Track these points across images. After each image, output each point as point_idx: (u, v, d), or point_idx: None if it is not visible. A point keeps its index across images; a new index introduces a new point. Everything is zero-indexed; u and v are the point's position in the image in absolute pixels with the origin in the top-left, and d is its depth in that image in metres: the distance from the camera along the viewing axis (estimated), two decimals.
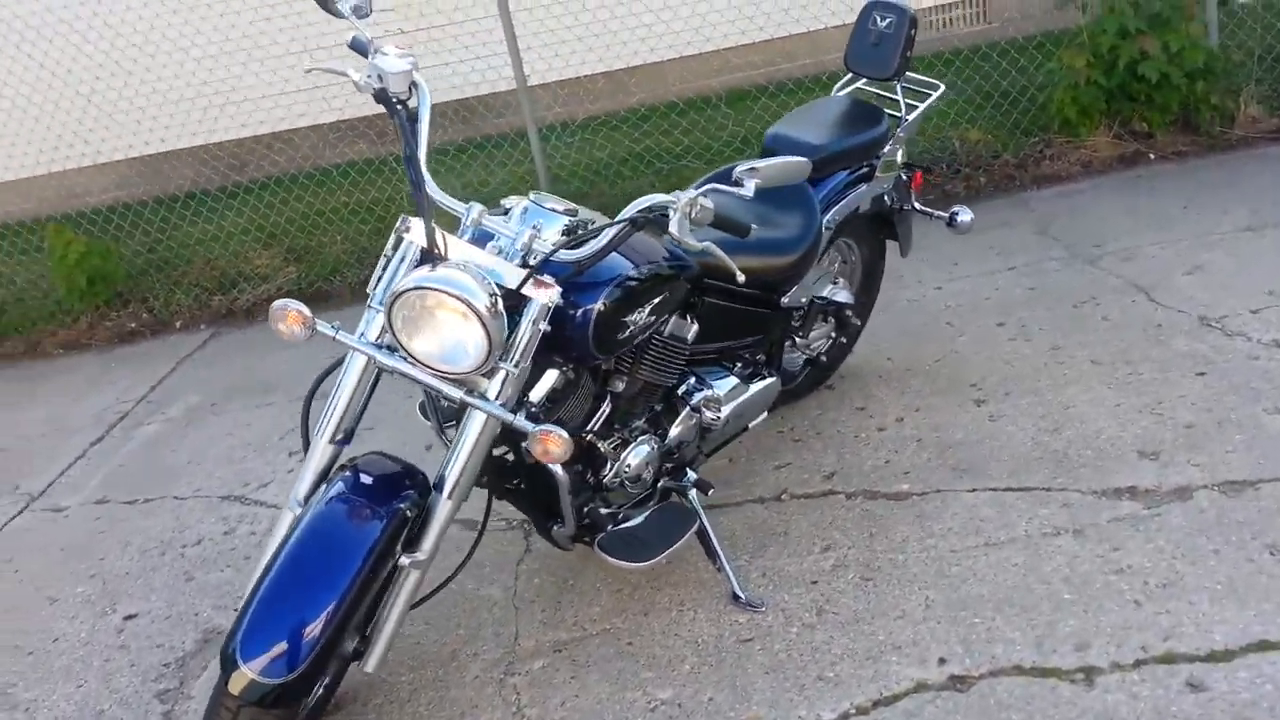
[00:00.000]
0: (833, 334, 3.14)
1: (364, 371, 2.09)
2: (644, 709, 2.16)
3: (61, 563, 3.21)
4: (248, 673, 1.76)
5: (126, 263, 5.84)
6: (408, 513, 1.99)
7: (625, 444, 2.41)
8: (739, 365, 2.74)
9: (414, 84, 2.07)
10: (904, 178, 3.17)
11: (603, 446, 2.38)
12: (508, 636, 2.46)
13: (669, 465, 2.59)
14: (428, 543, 2.03)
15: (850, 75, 3.20)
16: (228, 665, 1.78)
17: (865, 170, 2.96)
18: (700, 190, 2.02)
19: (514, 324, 1.96)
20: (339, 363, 2.15)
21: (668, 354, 2.41)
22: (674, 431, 2.53)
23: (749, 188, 2.05)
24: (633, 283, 2.14)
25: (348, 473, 2.05)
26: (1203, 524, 2.39)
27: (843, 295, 3.08)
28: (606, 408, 2.36)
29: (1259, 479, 2.51)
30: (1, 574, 3.21)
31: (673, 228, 2.01)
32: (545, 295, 1.97)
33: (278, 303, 1.99)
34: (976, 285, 3.94)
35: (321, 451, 2.10)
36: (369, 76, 2.02)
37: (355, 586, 1.87)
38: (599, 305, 2.06)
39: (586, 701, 2.21)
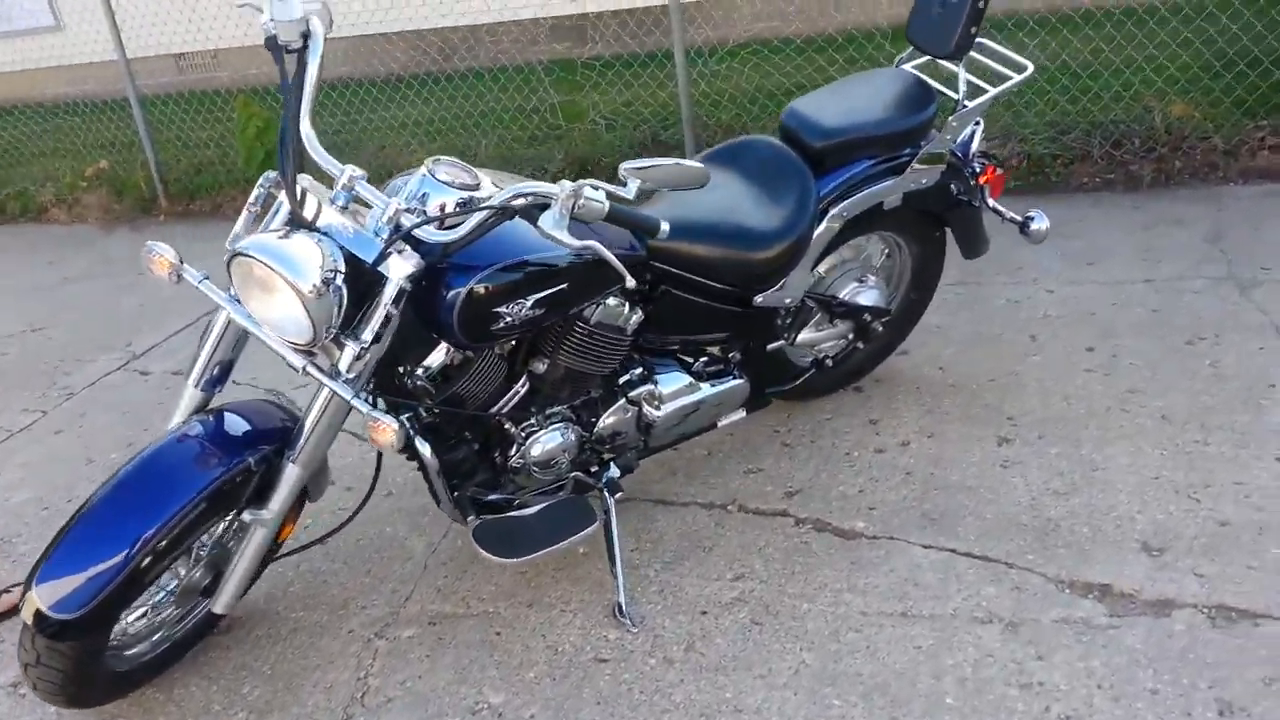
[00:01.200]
0: (849, 336, 2.82)
1: (229, 322, 2.10)
2: (468, 709, 2.11)
3: (118, 425, 3.53)
4: (36, 600, 1.85)
5: (325, 135, 6.18)
6: (253, 467, 2.00)
7: (539, 428, 2.30)
8: (701, 361, 2.52)
9: (308, 32, 1.97)
10: (975, 169, 2.73)
11: (511, 428, 2.29)
12: (401, 596, 2.46)
13: (603, 455, 2.45)
14: (275, 503, 2.04)
15: (912, 48, 2.77)
16: (26, 588, 1.88)
17: (896, 161, 2.57)
18: (580, 185, 1.82)
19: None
20: None
21: (596, 343, 2.25)
22: (605, 421, 2.39)
23: (630, 188, 1.84)
24: (515, 271, 1.98)
25: (210, 416, 2.09)
26: (1160, 653, 1.98)
27: (868, 297, 2.75)
28: (521, 388, 2.26)
29: (1264, 613, 2.03)
30: (71, 425, 3.59)
31: (543, 222, 1.84)
32: (397, 276, 1.87)
33: (147, 245, 2.02)
34: (1095, 295, 3.40)
35: (188, 396, 2.14)
36: (269, 20, 1.95)
37: (169, 529, 1.89)
38: (465, 291, 1.93)
39: (424, 686, 2.18)
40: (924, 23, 2.64)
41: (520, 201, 1.87)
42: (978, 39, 2.57)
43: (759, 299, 2.48)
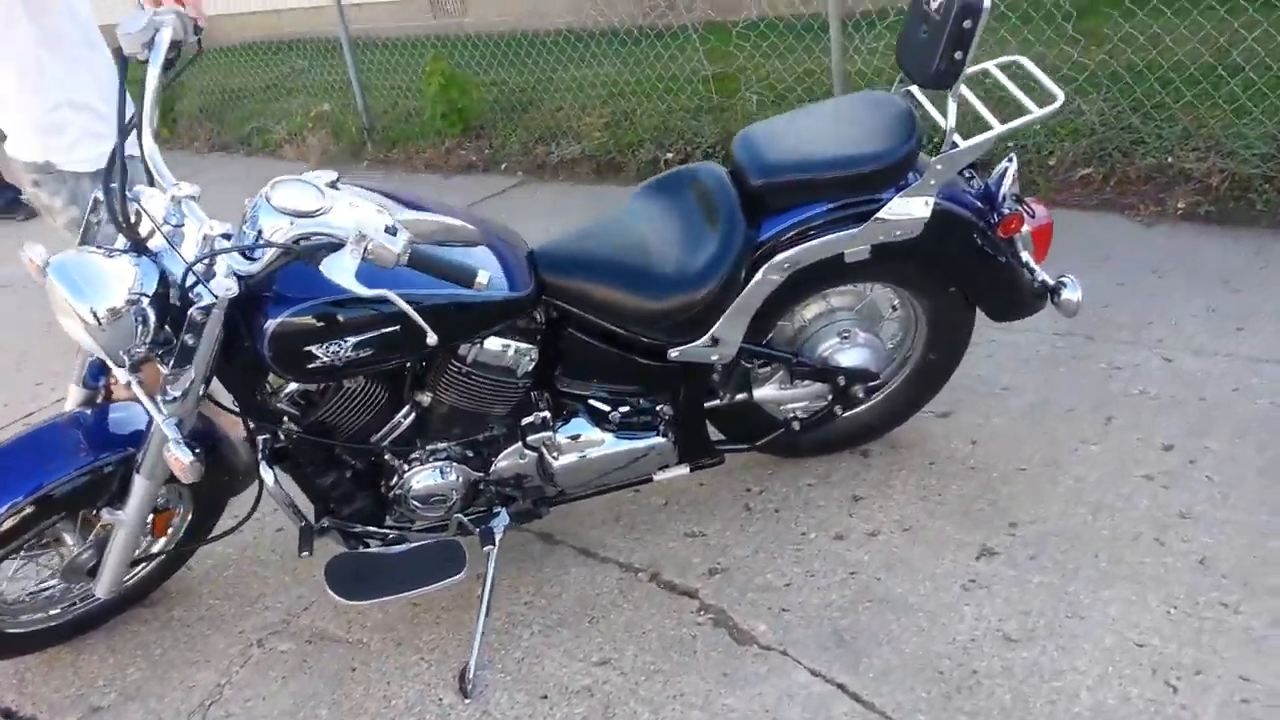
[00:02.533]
0: (826, 398, 2.44)
1: None
2: None
3: None
4: None
5: (510, 93, 6.23)
6: (106, 469, 2.06)
7: (421, 463, 2.19)
8: (622, 410, 2.28)
9: (152, 43, 1.92)
10: (992, 220, 2.24)
11: (392, 460, 2.20)
12: (303, 604, 2.46)
13: (508, 497, 2.31)
14: (129, 509, 2.08)
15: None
16: None
17: (863, 206, 2.14)
18: (365, 232, 1.67)
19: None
20: None
21: (475, 383, 2.10)
22: (501, 464, 2.24)
23: (398, 242, 1.66)
24: (332, 309, 1.86)
25: (91, 411, 2.16)
26: None
27: (848, 357, 2.37)
28: (405, 420, 2.16)
29: None
30: None
31: (325, 266, 1.72)
32: (199, 302, 1.81)
33: (25, 247, 2.07)
34: (1220, 373, 2.74)
35: (72, 392, 2.21)
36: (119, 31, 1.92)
37: (9, 515, 1.98)
38: (275, 325, 1.84)
39: (261, 709, 2.17)
40: (909, 44, 2.16)
41: (307, 242, 1.74)
42: (976, 64, 2.08)
43: (673, 352, 2.18)
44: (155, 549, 2.41)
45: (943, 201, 2.18)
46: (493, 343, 2.08)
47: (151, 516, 2.20)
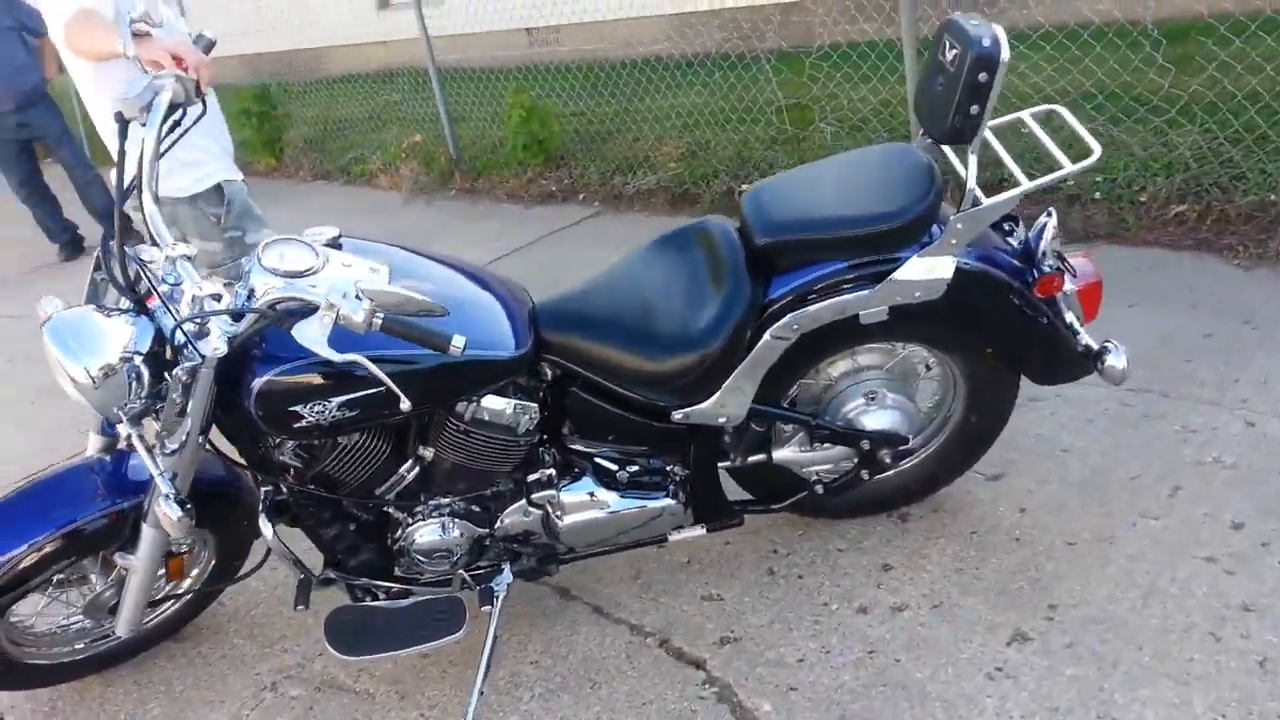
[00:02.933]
0: (852, 462, 2.31)
1: None
2: None
3: None
4: None
5: (591, 124, 6.24)
6: (120, 514, 2.10)
7: (424, 518, 2.17)
8: (630, 470, 2.21)
9: (150, 106, 1.95)
10: (1029, 279, 2.09)
11: (396, 513, 2.19)
12: (316, 650, 2.45)
13: (515, 553, 2.27)
14: (140, 555, 2.12)
15: None
16: None
17: (878, 266, 2.02)
18: (332, 300, 1.66)
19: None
20: None
21: (476, 441, 2.07)
22: (505, 520, 2.20)
23: (361, 310, 1.63)
24: (316, 370, 1.84)
25: (111, 457, 2.21)
26: None
27: (874, 420, 2.24)
28: (409, 474, 2.14)
29: None
30: None
31: (297, 331, 1.71)
32: (187, 363, 1.83)
33: (41, 301, 2.10)
34: None
35: (91, 443, 2.26)
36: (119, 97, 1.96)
37: (25, 556, 2.04)
38: (259, 384, 1.84)
39: None
40: (926, 96, 2.02)
41: (283, 305, 1.73)
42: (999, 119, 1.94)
43: (677, 414, 2.10)
44: (181, 589, 2.45)
45: (970, 261, 2.03)
46: (491, 400, 2.04)
47: (165, 560, 2.23)
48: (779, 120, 5.19)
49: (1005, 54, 1.80)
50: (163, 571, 2.26)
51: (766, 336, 2.02)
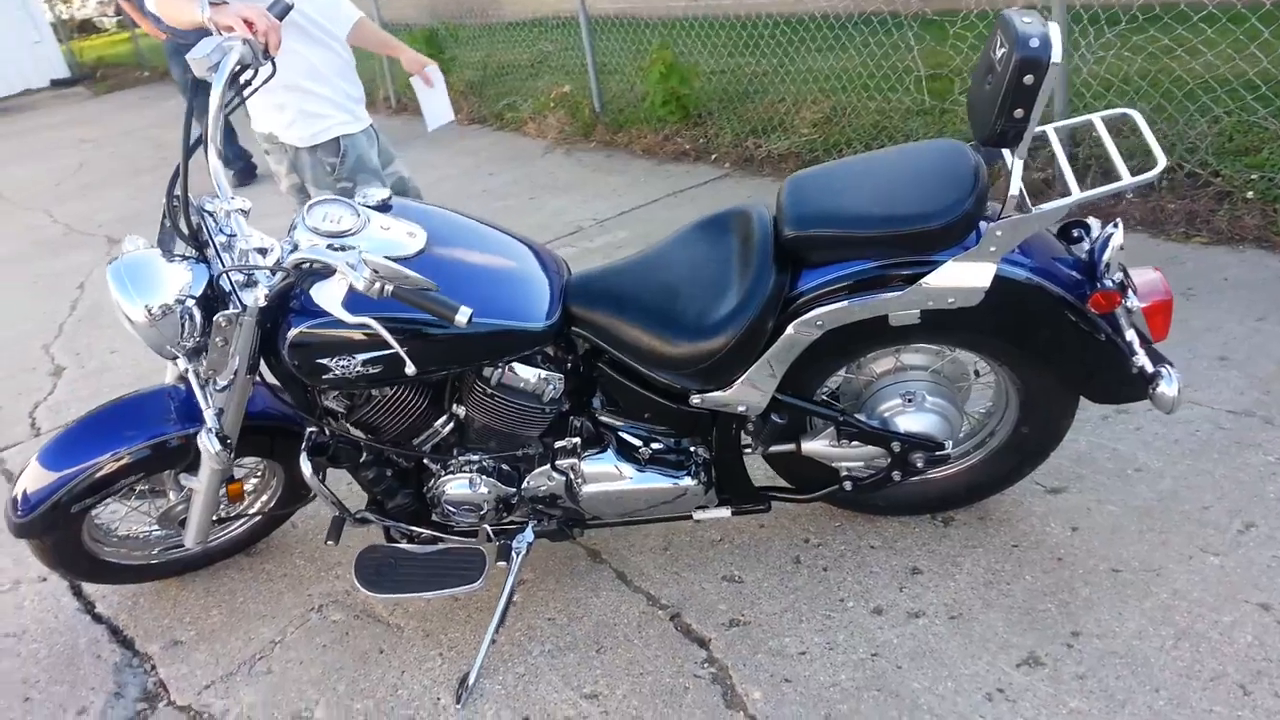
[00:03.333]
0: (883, 461, 2.25)
1: None
2: (293, 713, 2.23)
3: None
4: (14, 492, 2.33)
5: (735, 82, 6.15)
6: (189, 438, 2.30)
7: (455, 472, 2.28)
8: (654, 447, 2.24)
9: (218, 66, 2.06)
10: (1085, 293, 1.97)
11: (430, 464, 2.30)
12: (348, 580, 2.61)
13: (542, 514, 2.34)
14: (200, 478, 2.30)
15: None
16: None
17: (912, 268, 1.94)
18: (356, 262, 1.75)
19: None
20: None
21: (501, 406, 2.15)
22: (531, 482, 2.28)
23: (362, 278, 1.70)
24: (343, 328, 1.94)
25: (185, 386, 2.41)
26: None
27: (907, 422, 2.19)
28: (444, 428, 2.25)
29: None
30: None
31: (314, 291, 1.83)
32: (227, 311, 1.97)
33: (125, 239, 2.27)
34: None
35: (170, 372, 2.44)
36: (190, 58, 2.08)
37: (109, 463, 2.25)
38: (292, 335, 1.97)
39: (298, 671, 2.32)
40: (976, 95, 1.90)
41: (306, 266, 1.84)
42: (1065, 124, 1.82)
43: (695, 399, 2.10)
44: (252, 510, 2.65)
45: (1016, 269, 1.93)
46: (518, 369, 2.10)
47: (225, 484, 2.42)
48: (918, 90, 4.97)
49: (1056, 55, 1.68)
50: (225, 493, 2.44)
51: (790, 330, 1.98)
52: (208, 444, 2.02)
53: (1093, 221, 2.08)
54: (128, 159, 8.29)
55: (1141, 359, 1.96)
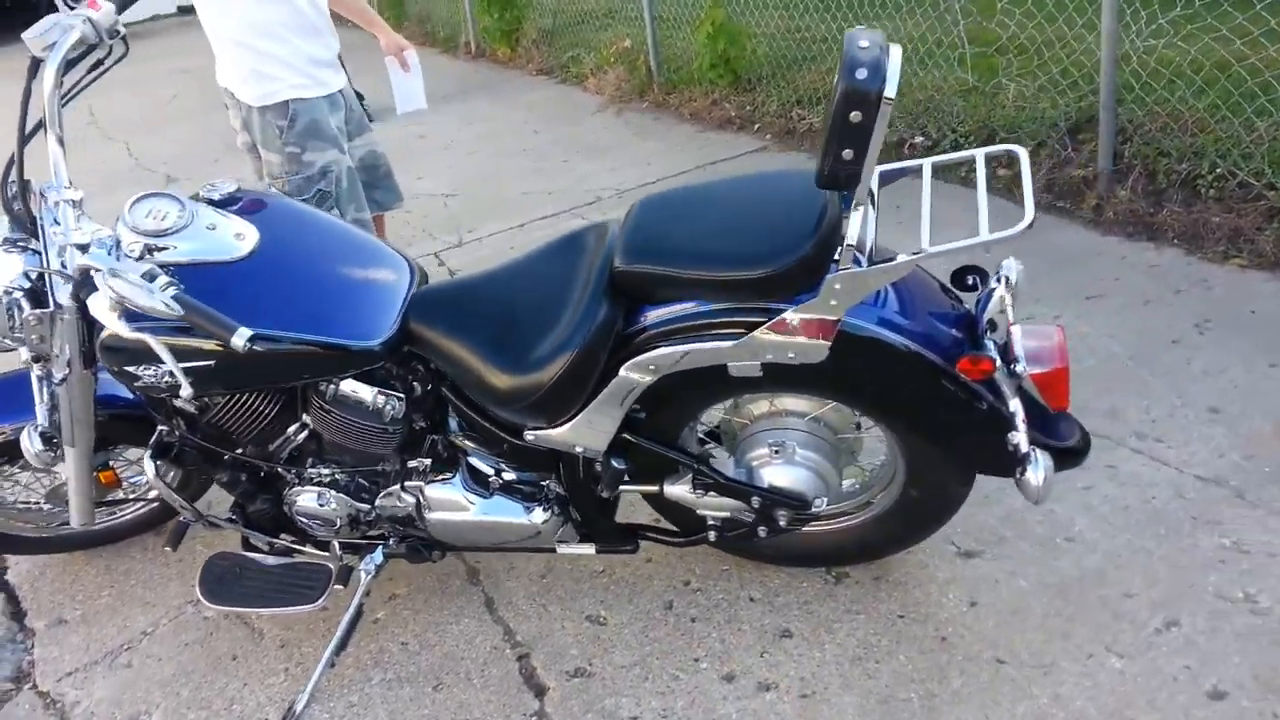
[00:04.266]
0: (748, 515, 2.04)
1: None
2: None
3: None
4: None
5: (792, 46, 5.80)
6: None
7: (306, 483, 2.18)
8: (505, 478, 2.09)
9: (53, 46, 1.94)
10: (952, 355, 1.71)
11: (285, 472, 2.21)
12: None
13: (395, 531, 2.23)
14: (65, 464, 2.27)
15: None
16: None
17: (749, 315, 1.70)
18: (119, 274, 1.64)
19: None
20: None
21: (338, 421, 2.03)
22: (380, 501, 2.16)
23: (155, 289, 1.59)
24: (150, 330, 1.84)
25: None
26: None
27: (767, 476, 1.98)
28: (295, 437, 2.15)
29: None
30: None
31: (91, 302, 1.72)
32: (38, 309, 1.90)
33: None
34: None
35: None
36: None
37: None
38: (101, 338, 1.88)
39: (155, 669, 2.29)
40: (823, 124, 1.63)
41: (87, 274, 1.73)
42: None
43: (528, 435, 1.93)
44: (149, 495, 2.61)
45: (869, 325, 1.69)
46: (350, 385, 1.98)
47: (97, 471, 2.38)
48: (962, 69, 4.56)
49: (890, 88, 1.41)
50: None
51: (622, 371, 1.78)
52: (28, 443, 1.97)
53: (1010, 263, 1.80)
54: (214, 94, 8.45)
55: (1018, 435, 1.69)
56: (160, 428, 2.15)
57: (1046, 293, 3.20)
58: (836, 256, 1.62)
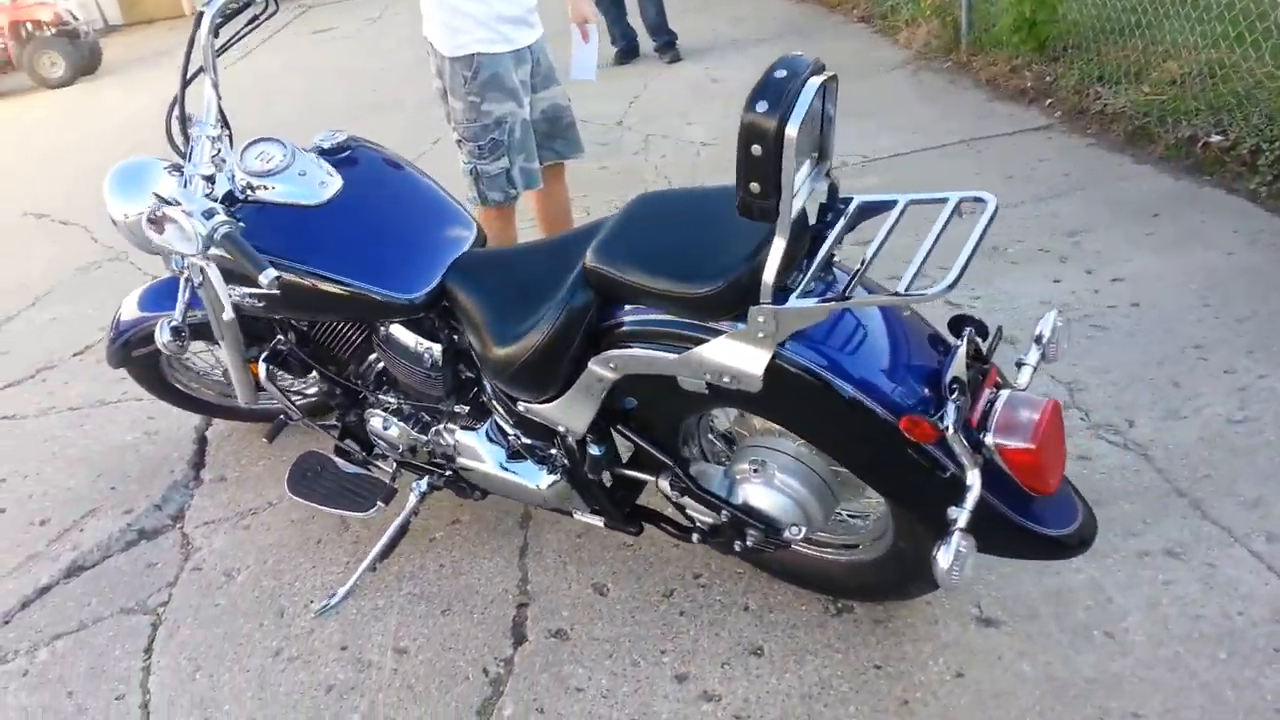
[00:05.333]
0: (726, 527, 2.01)
1: None
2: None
3: None
4: (110, 327, 2.91)
5: (1120, 12, 5.19)
6: None
7: (375, 405, 2.44)
8: (521, 440, 2.21)
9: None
10: (898, 409, 1.59)
11: (360, 389, 2.46)
12: None
13: (444, 462, 2.44)
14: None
15: None
16: None
17: (696, 331, 1.65)
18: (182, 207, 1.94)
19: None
20: None
21: (389, 357, 2.27)
22: (430, 435, 2.38)
23: (191, 225, 1.87)
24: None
25: None
26: None
27: (743, 494, 1.95)
28: (375, 364, 2.42)
29: None
30: None
31: (167, 232, 2.02)
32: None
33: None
34: None
35: None
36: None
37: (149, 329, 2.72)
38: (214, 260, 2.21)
39: (224, 545, 2.73)
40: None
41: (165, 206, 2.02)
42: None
43: (520, 406, 2.02)
44: (307, 391, 3.00)
45: (808, 361, 1.59)
46: (396, 330, 2.18)
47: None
48: None
49: (793, 124, 1.32)
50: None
51: (590, 363, 1.82)
52: (159, 333, 2.35)
53: (1050, 319, 1.63)
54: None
55: (956, 510, 1.52)
56: (278, 337, 2.48)
57: None
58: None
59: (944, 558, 1.47)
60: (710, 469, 2.00)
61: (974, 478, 1.54)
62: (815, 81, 1.36)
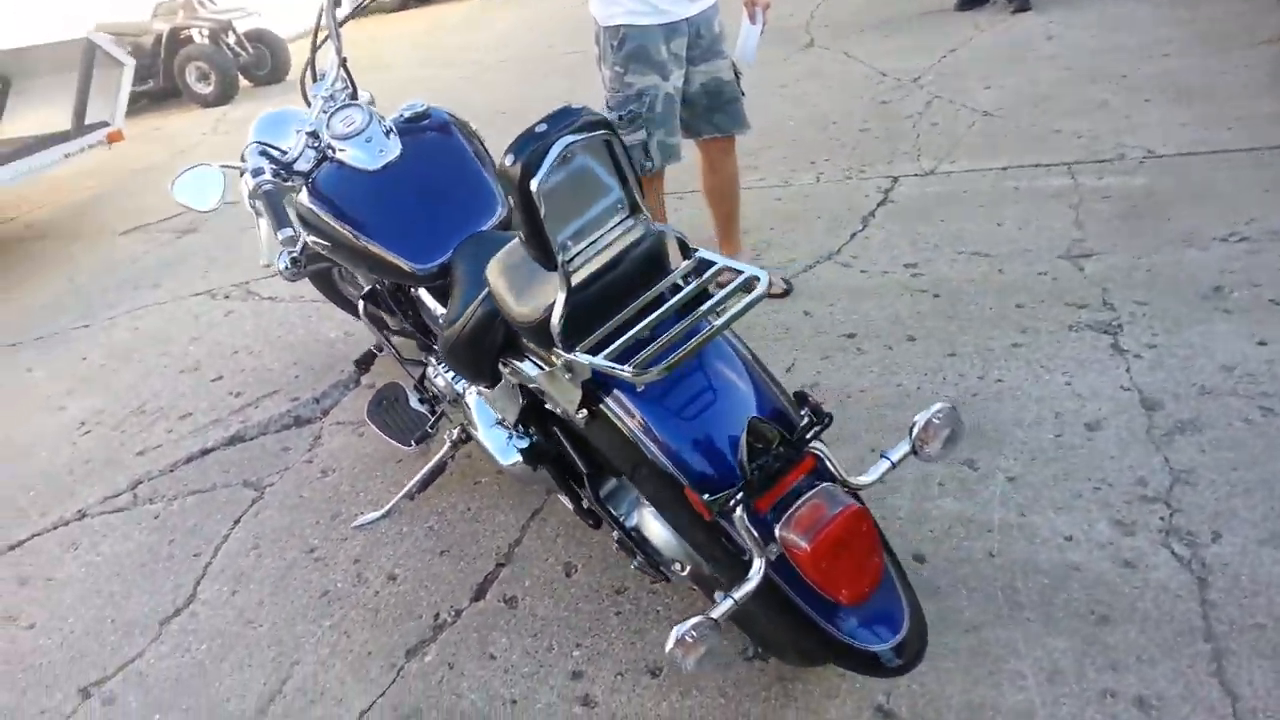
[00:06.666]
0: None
1: None
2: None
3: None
4: None
5: None
6: None
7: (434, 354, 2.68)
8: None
9: None
10: (694, 475, 1.51)
11: (424, 340, 2.71)
12: None
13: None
14: None
15: None
16: None
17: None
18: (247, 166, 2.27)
19: None
20: None
21: (411, 316, 2.49)
22: (453, 391, 2.56)
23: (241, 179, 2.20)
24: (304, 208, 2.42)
25: None
26: None
27: (636, 519, 1.95)
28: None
29: None
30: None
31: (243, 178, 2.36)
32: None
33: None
34: None
35: None
36: None
37: None
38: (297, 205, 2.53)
39: (339, 446, 3.11)
40: None
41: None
42: None
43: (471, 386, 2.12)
44: None
45: (633, 413, 1.54)
46: (422, 292, 2.37)
47: None
48: None
49: (534, 182, 1.28)
50: None
51: (500, 365, 1.89)
52: (279, 262, 2.72)
53: (926, 414, 1.47)
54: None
55: (721, 596, 1.44)
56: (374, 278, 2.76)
57: None
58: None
59: (671, 637, 1.39)
60: (626, 487, 1.98)
61: (757, 565, 1.42)
62: (566, 140, 1.29)
